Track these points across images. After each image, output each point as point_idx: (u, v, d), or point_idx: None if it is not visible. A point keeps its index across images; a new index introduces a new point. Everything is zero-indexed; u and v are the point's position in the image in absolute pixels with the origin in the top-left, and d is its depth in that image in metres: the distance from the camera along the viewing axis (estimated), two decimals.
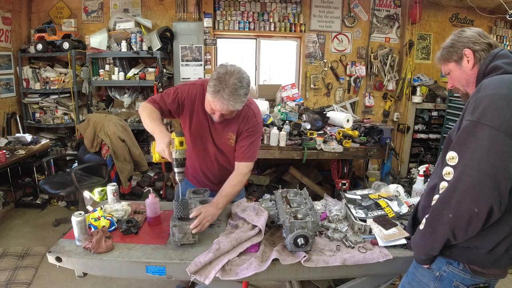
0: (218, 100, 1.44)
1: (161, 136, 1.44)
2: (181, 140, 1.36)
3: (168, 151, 1.39)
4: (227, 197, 1.63)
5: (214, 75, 1.45)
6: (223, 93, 1.41)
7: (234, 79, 1.42)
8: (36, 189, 3.80)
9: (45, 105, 4.10)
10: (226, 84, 1.41)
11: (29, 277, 2.47)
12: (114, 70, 3.98)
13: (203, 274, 1.27)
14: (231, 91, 1.41)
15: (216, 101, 1.44)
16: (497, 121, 0.92)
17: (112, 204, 1.65)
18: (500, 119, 0.92)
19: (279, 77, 4.78)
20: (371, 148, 3.15)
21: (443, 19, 4.52)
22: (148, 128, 1.54)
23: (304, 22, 4.32)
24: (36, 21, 4.21)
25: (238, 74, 1.44)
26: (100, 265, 1.32)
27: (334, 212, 1.65)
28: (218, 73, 1.44)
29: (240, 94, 1.44)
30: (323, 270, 1.34)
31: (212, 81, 1.44)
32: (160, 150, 1.42)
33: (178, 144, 1.36)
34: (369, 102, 4.55)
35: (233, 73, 1.43)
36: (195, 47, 4.16)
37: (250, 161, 1.71)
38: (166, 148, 1.39)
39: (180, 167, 1.40)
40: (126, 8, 4.21)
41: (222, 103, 1.44)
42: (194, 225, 1.39)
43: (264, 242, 1.44)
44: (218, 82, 1.42)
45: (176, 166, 1.40)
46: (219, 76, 1.43)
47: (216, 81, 1.42)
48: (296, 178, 3.94)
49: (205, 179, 1.84)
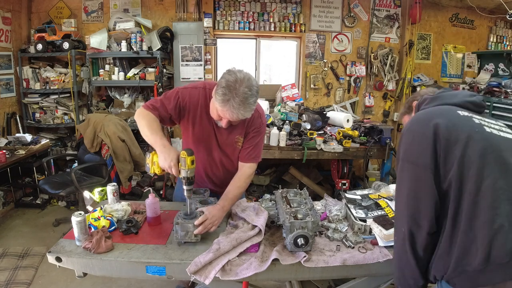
0: (227, 110, 1.40)
1: (166, 151, 1.39)
2: (192, 159, 1.35)
3: (176, 169, 1.36)
4: (233, 200, 1.62)
5: (222, 83, 1.39)
6: (233, 102, 1.37)
7: (244, 88, 1.38)
8: (36, 189, 3.79)
9: (45, 105, 4.10)
10: (236, 93, 1.37)
11: (29, 277, 2.47)
12: (114, 70, 3.97)
13: (203, 274, 1.27)
14: (242, 100, 1.38)
15: (226, 110, 1.40)
16: (403, 153, 1.05)
17: (112, 204, 1.64)
18: (406, 150, 1.04)
19: (279, 77, 4.78)
20: (371, 148, 3.15)
21: (443, 19, 4.52)
22: (148, 140, 1.47)
23: (304, 22, 4.32)
24: (36, 21, 4.21)
25: (248, 82, 1.39)
26: (100, 265, 1.32)
27: (334, 212, 1.65)
28: (227, 81, 1.39)
29: (250, 102, 1.41)
30: (323, 270, 1.34)
31: (221, 89, 1.39)
32: (166, 167, 1.38)
33: (190, 163, 1.34)
34: (369, 102, 4.55)
35: (243, 81, 1.39)
36: (195, 47, 4.16)
37: (255, 162, 1.71)
38: (174, 166, 1.36)
39: (190, 185, 1.39)
40: (126, 8, 4.21)
41: (232, 112, 1.40)
42: (198, 231, 1.39)
43: (264, 242, 1.44)
44: (227, 90, 1.37)
45: (186, 184, 1.38)
46: (229, 84, 1.38)
47: (226, 89, 1.37)
48: (296, 178, 3.94)
49: (209, 183, 1.81)
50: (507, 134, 1.03)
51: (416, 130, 1.03)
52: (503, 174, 0.92)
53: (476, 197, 0.91)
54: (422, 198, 0.98)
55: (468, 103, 1.08)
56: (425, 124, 1.01)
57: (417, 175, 0.99)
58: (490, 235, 0.88)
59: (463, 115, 1.03)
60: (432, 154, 0.96)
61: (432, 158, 0.96)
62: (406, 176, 1.03)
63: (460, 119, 1.01)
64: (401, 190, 1.06)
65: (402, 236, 1.03)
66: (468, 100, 1.08)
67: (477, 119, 1.02)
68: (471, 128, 0.98)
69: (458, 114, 1.03)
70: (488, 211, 0.89)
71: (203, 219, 1.42)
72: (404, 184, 1.04)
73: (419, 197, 0.99)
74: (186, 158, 1.34)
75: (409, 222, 1.01)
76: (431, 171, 0.96)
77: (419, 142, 0.99)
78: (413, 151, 1.02)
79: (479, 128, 0.99)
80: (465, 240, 0.92)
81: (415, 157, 1.00)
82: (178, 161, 1.37)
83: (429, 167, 0.96)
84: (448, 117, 1.01)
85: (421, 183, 0.98)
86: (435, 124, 0.98)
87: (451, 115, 1.03)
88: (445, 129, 0.97)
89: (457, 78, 4.70)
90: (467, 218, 0.92)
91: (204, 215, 1.44)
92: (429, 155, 0.96)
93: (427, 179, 0.96)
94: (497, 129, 1.02)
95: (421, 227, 0.99)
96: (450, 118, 1.01)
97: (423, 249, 1.00)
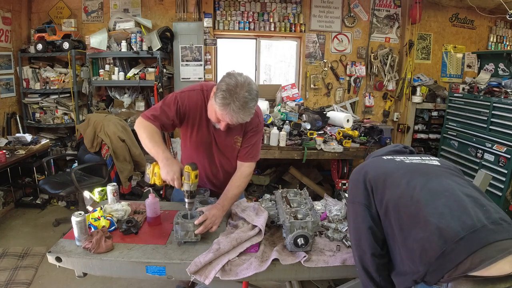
0: (227, 113, 1.39)
1: (168, 164, 1.39)
2: (196, 174, 1.36)
3: (179, 183, 1.37)
4: (233, 199, 1.63)
5: (223, 86, 1.38)
6: (233, 106, 1.37)
7: (244, 92, 1.37)
8: (36, 189, 3.79)
9: (45, 105, 4.10)
10: (236, 98, 1.36)
11: (29, 277, 2.47)
12: (114, 70, 3.97)
13: (203, 274, 1.27)
14: (242, 105, 1.38)
15: (226, 114, 1.40)
16: (348, 195, 1.31)
17: (112, 204, 1.64)
18: (349, 193, 1.30)
19: (279, 77, 4.78)
20: (371, 148, 3.15)
21: (443, 19, 4.52)
22: (150, 152, 1.47)
23: (304, 22, 4.32)
24: (36, 21, 4.21)
25: (248, 86, 1.39)
26: (100, 265, 1.32)
27: (334, 212, 1.66)
28: (228, 85, 1.38)
29: (250, 107, 1.41)
30: (323, 270, 1.34)
31: (221, 92, 1.38)
32: (169, 180, 1.38)
33: (194, 177, 1.35)
34: (369, 102, 4.55)
35: (243, 85, 1.38)
36: (195, 47, 4.16)
37: (253, 161, 1.71)
38: (177, 180, 1.37)
39: (192, 198, 1.41)
40: (126, 8, 4.21)
41: (232, 115, 1.40)
42: (199, 231, 1.39)
43: (264, 242, 1.44)
44: (228, 94, 1.37)
45: (188, 197, 1.40)
46: (229, 88, 1.37)
47: (226, 93, 1.37)
48: (296, 178, 3.94)
49: (209, 184, 1.81)
50: (428, 161, 1.25)
51: (353, 178, 1.30)
52: (423, 178, 1.11)
53: (408, 205, 1.06)
54: (360, 227, 1.18)
55: (391, 152, 1.38)
56: (358, 172, 1.28)
57: (356, 210, 1.21)
58: (435, 223, 0.97)
59: (386, 159, 1.29)
60: (363, 193, 1.20)
61: (364, 195, 1.20)
62: (350, 213, 1.26)
63: (384, 161, 1.28)
64: (349, 226, 1.28)
65: (356, 264, 1.22)
66: (391, 150, 1.40)
67: (398, 159, 1.27)
68: (392, 165, 1.23)
69: (382, 159, 1.30)
70: (425, 209, 1.02)
71: (203, 219, 1.42)
72: (350, 220, 1.27)
73: (358, 227, 1.19)
74: (190, 172, 1.34)
75: (357, 249, 1.20)
76: (364, 205, 1.19)
77: (355, 186, 1.25)
78: (352, 193, 1.27)
79: (399, 164, 1.23)
80: (416, 237, 1.02)
81: (353, 197, 1.25)
82: (181, 175, 1.38)
83: (362, 203, 1.19)
84: (374, 164, 1.29)
85: (359, 216, 1.19)
86: (364, 171, 1.24)
87: (376, 160, 1.31)
88: (371, 171, 1.22)
89: (457, 78, 4.70)
90: (407, 224, 1.05)
91: (204, 214, 1.44)
92: (362, 195, 1.20)
93: (362, 212, 1.18)
94: (417, 159, 1.26)
95: (364, 251, 1.16)
96: (375, 163, 1.29)
97: (375, 270, 1.15)
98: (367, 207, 1.18)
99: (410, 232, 1.04)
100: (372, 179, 1.20)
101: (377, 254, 1.15)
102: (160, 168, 1.42)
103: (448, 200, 1.01)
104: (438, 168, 1.20)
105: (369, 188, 1.19)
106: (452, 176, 1.14)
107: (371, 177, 1.20)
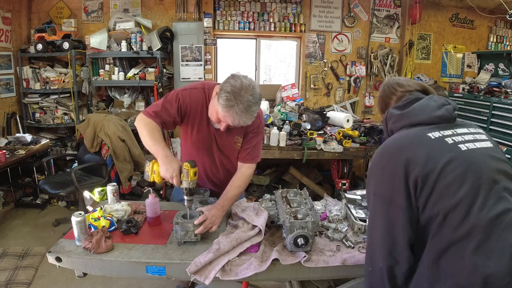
0: (230, 115, 1.39)
1: (168, 162, 1.39)
2: (195, 171, 1.35)
3: (178, 180, 1.37)
4: (233, 199, 1.62)
5: (227, 87, 1.38)
6: (236, 108, 1.36)
7: (248, 95, 1.37)
8: (36, 189, 3.79)
9: (45, 105, 4.10)
10: (240, 100, 1.36)
11: (29, 277, 2.47)
12: (114, 70, 3.97)
13: (203, 274, 1.27)
14: (245, 108, 1.37)
15: (228, 116, 1.39)
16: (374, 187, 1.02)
17: (112, 204, 1.64)
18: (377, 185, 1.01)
19: (279, 77, 4.78)
20: (371, 148, 3.15)
21: (443, 19, 4.52)
22: (150, 149, 1.47)
23: (304, 22, 4.32)
24: (36, 21, 4.21)
25: (252, 90, 1.39)
26: (100, 265, 1.32)
27: (334, 212, 1.66)
28: (233, 86, 1.37)
29: (253, 110, 1.41)
30: (323, 270, 1.34)
31: (225, 93, 1.37)
32: (168, 177, 1.38)
33: (193, 175, 1.35)
34: (369, 102, 4.55)
35: (248, 88, 1.38)
36: (195, 47, 4.16)
37: (254, 163, 1.71)
38: (176, 177, 1.36)
39: (191, 195, 1.40)
40: (126, 8, 4.21)
41: (234, 118, 1.39)
42: (199, 231, 1.39)
43: (264, 242, 1.44)
44: (232, 96, 1.36)
45: (187, 194, 1.39)
46: (234, 90, 1.36)
47: (230, 95, 1.36)
48: (296, 178, 3.94)
49: (209, 183, 1.81)
50: (482, 142, 0.99)
51: (387, 165, 0.99)
52: (487, 193, 0.88)
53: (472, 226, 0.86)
54: (397, 237, 0.96)
55: (436, 118, 1.02)
56: (395, 158, 0.97)
57: (391, 214, 0.96)
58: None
59: (434, 138, 0.97)
60: (405, 194, 0.93)
61: (406, 198, 0.93)
62: (380, 213, 1.00)
63: (432, 145, 0.96)
64: (375, 226, 1.03)
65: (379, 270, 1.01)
66: (436, 115, 1.02)
67: (450, 139, 0.97)
68: (445, 153, 0.93)
69: (429, 138, 0.97)
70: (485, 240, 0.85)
71: (203, 219, 1.42)
72: (378, 221, 1.01)
73: (394, 236, 0.96)
74: (189, 170, 1.34)
75: (387, 258, 0.98)
76: (404, 210, 0.93)
77: (391, 180, 0.96)
78: (385, 188, 0.98)
79: (454, 150, 0.94)
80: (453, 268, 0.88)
81: (388, 196, 0.97)
82: (180, 172, 1.38)
83: (402, 207, 0.93)
84: (419, 148, 0.96)
85: (396, 223, 0.95)
86: (405, 160, 0.94)
87: (422, 143, 0.97)
88: (416, 164, 0.92)
89: (457, 78, 4.70)
90: (457, 247, 0.88)
91: (203, 214, 1.44)
92: (402, 195, 0.93)
93: (401, 217, 0.94)
94: (471, 141, 0.97)
95: (399, 263, 0.97)
96: (421, 147, 0.96)
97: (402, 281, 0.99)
98: (407, 211, 0.94)
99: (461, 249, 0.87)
100: (421, 176, 0.91)
101: (412, 267, 0.98)
102: (159, 165, 1.42)
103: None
104: (496, 163, 0.94)
105: (413, 185, 0.92)
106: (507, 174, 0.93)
107: (419, 173, 0.91)
